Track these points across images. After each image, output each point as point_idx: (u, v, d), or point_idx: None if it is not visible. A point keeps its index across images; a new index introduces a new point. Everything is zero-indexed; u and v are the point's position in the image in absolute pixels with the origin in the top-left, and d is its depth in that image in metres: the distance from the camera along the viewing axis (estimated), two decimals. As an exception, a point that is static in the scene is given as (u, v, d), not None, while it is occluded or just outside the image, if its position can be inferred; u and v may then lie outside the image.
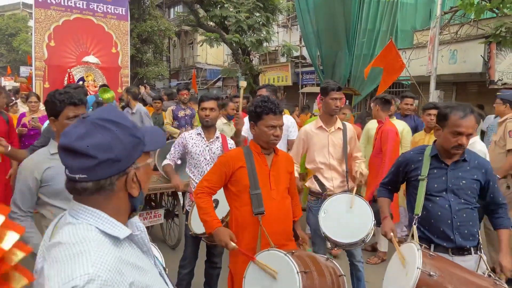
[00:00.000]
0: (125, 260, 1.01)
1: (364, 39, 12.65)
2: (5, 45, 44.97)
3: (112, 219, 1.05)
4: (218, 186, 2.54)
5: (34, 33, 8.05)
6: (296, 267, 2.02)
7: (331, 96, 3.36)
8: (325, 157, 3.45)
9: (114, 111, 1.08)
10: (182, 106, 6.40)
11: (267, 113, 2.45)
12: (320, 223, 3.15)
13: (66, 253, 0.95)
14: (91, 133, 1.00)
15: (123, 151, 1.03)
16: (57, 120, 2.27)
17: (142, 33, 20.15)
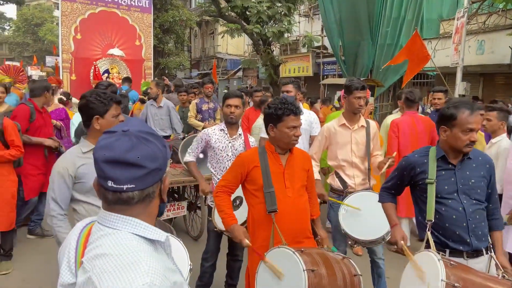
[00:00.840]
0: (166, 265, 1.07)
1: (388, 29, 12.38)
2: (31, 34, 46.00)
3: (149, 225, 1.10)
4: (235, 185, 2.64)
5: (61, 26, 8.24)
6: (302, 265, 2.04)
7: (355, 95, 3.36)
8: (348, 155, 3.46)
9: (145, 124, 1.16)
10: (206, 100, 6.47)
11: (288, 114, 2.48)
12: (340, 220, 3.19)
13: (116, 264, 0.98)
14: (137, 146, 1.07)
15: (163, 160, 1.11)
16: (102, 119, 2.38)
17: (164, 23, 20.29)
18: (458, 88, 9.09)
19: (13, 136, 3.99)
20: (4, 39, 49.34)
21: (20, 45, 47.65)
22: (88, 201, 2.38)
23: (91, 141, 2.43)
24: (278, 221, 2.46)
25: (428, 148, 2.46)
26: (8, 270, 4.05)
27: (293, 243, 2.43)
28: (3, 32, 47.33)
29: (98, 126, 2.40)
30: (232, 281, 3.56)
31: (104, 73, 8.42)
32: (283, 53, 19.05)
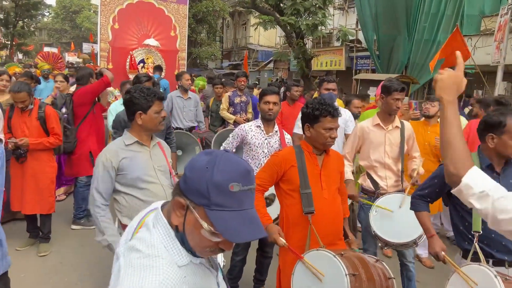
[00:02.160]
0: (188, 280, 1.08)
1: (426, 24, 12.02)
2: (69, 21, 47.35)
3: (176, 241, 1.12)
4: (269, 184, 2.64)
5: (100, 15, 8.44)
6: (344, 269, 2.03)
7: (394, 96, 3.29)
8: (381, 156, 3.41)
9: (234, 165, 1.08)
10: (239, 93, 6.48)
11: (325, 115, 2.46)
12: (370, 222, 3.16)
13: (140, 262, 1.04)
14: (207, 154, 1.12)
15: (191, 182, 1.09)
16: (145, 114, 2.45)
17: (197, 13, 20.45)
18: (498, 88, 8.76)
19: (53, 124, 4.15)
20: (43, 25, 50.96)
21: (59, 32, 49.19)
22: (129, 193, 2.46)
23: (133, 134, 2.50)
24: (314, 223, 2.45)
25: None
26: (46, 252, 4.25)
27: (327, 245, 2.43)
28: (43, 19, 48.89)
29: (141, 121, 2.46)
30: (261, 276, 3.60)
31: (140, 62, 8.59)
32: (316, 46, 18.82)
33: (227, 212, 1.02)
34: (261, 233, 1.05)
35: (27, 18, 33.09)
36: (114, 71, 8.41)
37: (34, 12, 33.59)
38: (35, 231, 4.41)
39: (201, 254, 1.11)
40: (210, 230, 1.03)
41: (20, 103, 3.97)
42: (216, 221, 1.01)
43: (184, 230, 1.08)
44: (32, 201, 4.13)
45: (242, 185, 1.03)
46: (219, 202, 1.01)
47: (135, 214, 2.43)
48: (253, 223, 1.05)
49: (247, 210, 1.05)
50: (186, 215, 1.07)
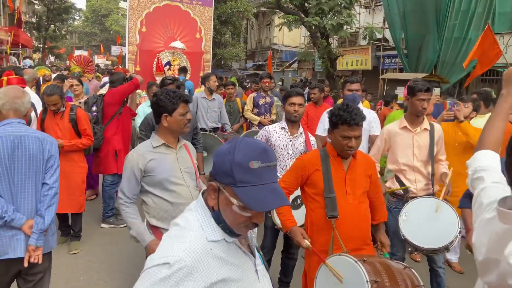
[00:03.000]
0: (215, 253, 1.19)
1: (456, 21, 11.68)
2: (98, 25, 48.68)
3: (212, 220, 1.25)
4: (295, 187, 2.63)
5: (128, 19, 8.64)
6: (366, 275, 1.99)
7: (418, 97, 3.21)
8: (409, 159, 3.34)
9: (251, 146, 1.21)
10: (263, 94, 6.50)
11: (342, 123, 2.40)
12: (400, 226, 3.09)
13: (175, 233, 1.22)
14: (230, 142, 1.27)
15: (218, 165, 1.23)
16: (170, 116, 2.50)
17: (222, 14, 20.57)
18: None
19: (85, 126, 4.29)
20: (74, 28, 52.59)
21: (88, 35, 50.63)
22: (156, 194, 2.51)
23: (160, 137, 2.55)
24: (338, 227, 2.43)
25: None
26: (77, 250, 4.38)
27: (352, 250, 2.39)
28: (73, 22, 50.44)
29: (166, 124, 2.51)
30: (285, 278, 3.58)
31: (166, 65, 8.73)
32: (341, 45, 18.61)
33: (250, 187, 1.15)
34: (283, 201, 1.19)
35: (58, 22, 34.21)
36: (141, 73, 8.61)
37: (65, 16, 34.70)
38: (66, 230, 4.55)
39: (238, 230, 1.23)
40: (239, 205, 1.16)
41: (53, 105, 4.10)
42: (242, 196, 1.15)
43: (219, 209, 1.22)
44: (63, 201, 4.24)
45: (261, 162, 1.16)
46: (242, 179, 1.15)
47: (162, 215, 2.51)
48: (275, 194, 1.18)
49: (269, 184, 1.18)
50: (219, 196, 1.22)
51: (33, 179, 2.46)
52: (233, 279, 1.21)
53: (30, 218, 2.45)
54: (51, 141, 2.57)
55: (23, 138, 2.42)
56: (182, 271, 1.11)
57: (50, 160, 2.53)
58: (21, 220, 2.40)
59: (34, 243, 2.40)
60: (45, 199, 2.48)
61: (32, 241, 2.40)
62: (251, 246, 1.35)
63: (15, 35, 16.88)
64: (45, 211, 2.46)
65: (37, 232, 2.41)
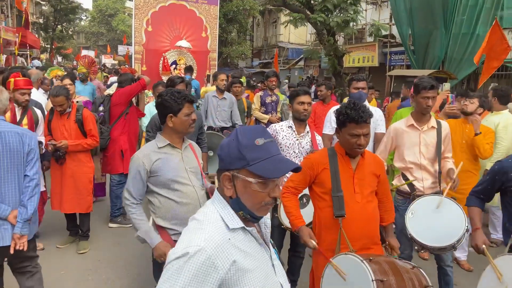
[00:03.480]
0: (233, 243, 1.25)
1: (464, 17, 11.55)
2: (105, 25, 48.94)
3: (230, 210, 1.32)
4: (303, 186, 2.63)
5: (134, 19, 8.66)
6: (371, 275, 1.99)
7: (423, 95, 3.18)
8: (416, 157, 3.31)
9: (251, 129, 1.33)
10: (269, 92, 6.50)
11: (350, 121, 2.39)
12: (406, 224, 3.07)
13: (194, 226, 1.29)
14: (229, 136, 1.36)
15: (226, 155, 1.31)
16: (175, 117, 2.50)
17: (227, 13, 20.57)
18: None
19: (90, 126, 4.30)
20: (81, 28, 52.93)
21: (95, 35, 50.95)
22: (163, 194, 2.51)
23: (166, 137, 2.56)
24: (345, 226, 2.42)
25: None
26: (85, 249, 4.41)
27: (360, 249, 2.38)
28: (80, 22, 50.73)
29: (171, 124, 2.51)
30: (293, 277, 3.58)
31: (172, 64, 8.74)
32: (347, 42, 18.50)
33: (263, 161, 1.26)
34: (294, 165, 1.30)
35: (65, 22, 34.50)
36: (147, 73, 8.64)
37: (72, 16, 34.95)
38: (74, 229, 4.59)
39: (259, 212, 1.31)
40: (257, 182, 1.26)
41: (59, 106, 4.13)
42: (258, 171, 1.25)
43: (238, 195, 1.30)
44: (71, 201, 4.30)
45: (265, 138, 1.28)
46: (254, 157, 1.26)
47: (168, 215, 2.51)
48: (285, 161, 1.31)
49: (276, 155, 1.30)
50: (234, 183, 1.30)
51: (15, 172, 2.64)
52: (250, 269, 1.26)
53: (14, 208, 2.64)
54: (30, 136, 2.74)
55: (3, 134, 2.58)
56: (203, 259, 1.18)
57: (30, 153, 2.70)
58: (6, 211, 2.60)
59: (19, 231, 2.61)
60: (27, 190, 2.68)
61: (17, 230, 2.60)
62: (267, 241, 1.41)
63: (22, 36, 17.05)
64: (27, 201, 2.66)
65: (21, 221, 2.61)
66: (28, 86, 3.97)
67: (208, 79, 8.77)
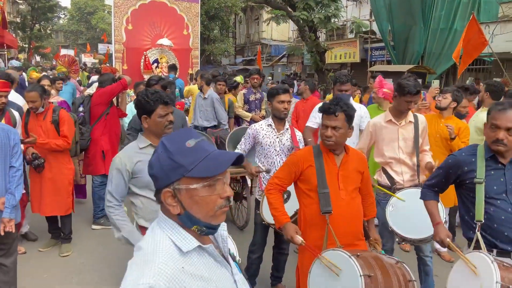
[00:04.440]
0: (188, 271, 1.12)
1: (442, 12, 11.78)
2: (84, 23, 48.07)
3: (181, 230, 1.18)
4: (288, 183, 2.65)
5: (114, 17, 8.55)
6: (359, 270, 2.02)
7: (407, 98, 3.22)
8: (395, 152, 3.37)
9: (176, 134, 1.22)
10: (253, 90, 6.50)
11: (321, 112, 2.50)
12: (387, 218, 3.14)
13: (140, 259, 1.12)
14: (154, 151, 1.22)
15: (159, 171, 1.17)
16: (149, 118, 2.48)
17: (209, 10, 20.45)
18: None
19: (64, 127, 4.18)
20: (59, 27, 51.87)
21: (74, 33, 50.01)
22: (145, 195, 2.49)
23: (146, 137, 2.54)
24: (331, 223, 2.45)
25: (475, 146, 2.41)
26: (68, 252, 4.35)
27: (346, 245, 2.41)
28: (59, 21, 49.70)
29: (146, 125, 2.50)
30: (278, 273, 3.62)
31: (154, 62, 8.67)
32: (329, 38, 18.63)
33: (201, 162, 1.14)
34: (234, 154, 1.18)
35: (43, 21, 33.75)
36: (129, 72, 8.55)
37: (50, 15, 34.22)
38: (56, 232, 4.52)
39: (215, 220, 1.19)
40: (203, 185, 1.14)
41: (31, 102, 4.04)
42: (200, 173, 1.13)
43: (186, 209, 1.16)
44: (50, 203, 4.23)
45: (195, 139, 1.17)
46: (190, 161, 1.13)
47: (150, 216, 2.50)
48: (225, 153, 1.20)
49: (213, 152, 1.17)
50: (178, 197, 1.16)
51: (2, 164, 2.95)
52: None
53: (1, 196, 2.95)
54: (14, 132, 3.09)
55: None
56: None
57: (15, 147, 3.04)
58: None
59: (8, 215, 2.94)
60: (14, 179, 3.02)
61: (6, 214, 2.93)
62: (226, 255, 1.30)
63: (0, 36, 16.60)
64: (15, 189, 3.01)
65: (9, 207, 2.95)
66: (4, 88, 3.88)
67: (191, 77, 8.73)
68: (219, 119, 6.11)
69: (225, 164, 1.15)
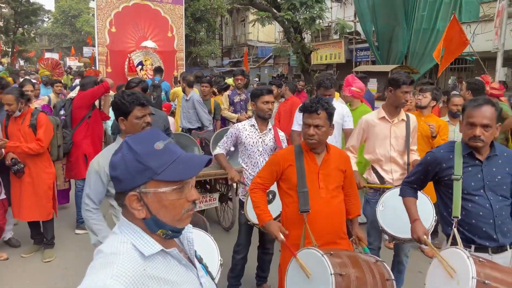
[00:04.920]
0: (150, 274, 1.08)
1: (424, 13, 11.94)
2: (69, 26, 47.41)
3: (144, 234, 1.13)
4: (270, 182, 2.66)
5: (97, 20, 8.48)
6: (330, 268, 2.03)
7: (403, 89, 3.24)
8: (386, 149, 3.39)
9: (144, 135, 1.16)
10: (238, 91, 6.48)
11: (303, 111, 2.52)
12: (378, 217, 3.12)
13: (100, 261, 1.07)
14: (116, 151, 1.15)
15: (124, 173, 1.10)
16: (126, 120, 2.46)
17: (195, 12, 20.41)
18: (498, 74, 8.69)
19: (40, 130, 4.10)
20: (43, 31, 51.13)
21: (59, 37, 49.30)
22: (124, 198, 2.47)
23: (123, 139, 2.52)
24: (310, 221, 2.46)
25: (453, 143, 2.43)
26: (51, 258, 4.29)
27: (326, 243, 2.43)
28: (43, 24, 49.00)
29: (124, 127, 2.49)
30: (263, 273, 3.63)
31: (138, 65, 8.62)
32: (314, 39, 18.74)
33: (171, 165, 1.10)
34: (205, 158, 1.16)
35: (27, 25, 33.20)
36: (113, 74, 8.49)
37: (34, 18, 33.70)
38: (39, 238, 4.46)
39: (180, 223, 1.16)
40: (173, 189, 1.11)
41: (7, 105, 4.00)
42: (171, 176, 1.10)
43: (153, 213, 1.12)
44: (30, 208, 4.16)
45: (163, 141, 1.13)
46: (160, 164, 1.09)
47: (130, 218, 2.46)
48: (196, 157, 1.17)
49: (182, 154, 1.14)
50: (145, 201, 1.11)
51: None
52: None
53: None
54: None
55: None
56: None
57: None
58: None
59: None
60: None
61: None
62: (191, 258, 1.28)
63: (-19, 40, 16.32)
64: None
65: None
66: None
67: (175, 80, 8.68)
68: (203, 122, 6.10)
69: (197, 168, 1.13)
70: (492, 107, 2.23)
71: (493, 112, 2.23)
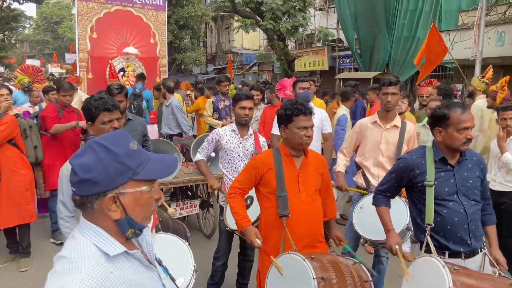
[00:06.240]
0: (117, 276, 1.09)
1: (405, 21, 12.18)
2: (51, 32, 46.81)
3: (107, 236, 1.13)
4: (249, 187, 2.64)
5: (77, 26, 8.37)
6: (312, 272, 2.03)
7: (383, 91, 3.30)
8: (375, 154, 3.41)
9: (116, 136, 1.16)
10: (222, 97, 6.38)
11: (297, 114, 2.46)
12: (353, 217, 3.17)
13: (63, 267, 1.05)
14: (83, 154, 1.12)
15: (103, 175, 1.09)
16: (93, 125, 2.44)
17: (179, 19, 20.38)
18: (477, 81, 8.87)
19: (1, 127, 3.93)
20: (24, 37, 50.36)
21: (40, 43, 48.58)
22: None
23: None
24: (290, 225, 2.44)
25: (424, 148, 2.42)
26: (27, 267, 4.17)
27: (305, 247, 2.42)
28: (24, 30, 48.25)
29: (92, 132, 2.47)
30: (243, 280, 3.59)
31: (120, 71, 8.52)
32: (298, 47, 18.90)
33: (147, 164, 1.15)
34: (175, 157, 1.24)
35: (7, 31, 32.63)
36: (94, 80, 8.39)
37: (14, 24, 33.14)
38: (15, 247, 4.33)
39: (147, 221, 1.20)
40: (148, 188, 1.15)
41: None
42: (149, 175, 1.15)
43: (128, 213, 1.13)
44: (9, 213, 4.04)
45: (133, 142, 1.17)
46: (138, 163, 1.13)
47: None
48: (165, 157, 1.23)
49: (152, 155, 1.20)
50: (121, 201, 1.12)
51: None
52: None
53: None
54: None
55: None
56: None
57: None
58: None
59: None
60: None
61: None
62: (151, 260, 1.29)
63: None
64: None
65: None
66: None
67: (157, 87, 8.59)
68: (182, 128, 6.07)
69: (173, 167, 1.20)
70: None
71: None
